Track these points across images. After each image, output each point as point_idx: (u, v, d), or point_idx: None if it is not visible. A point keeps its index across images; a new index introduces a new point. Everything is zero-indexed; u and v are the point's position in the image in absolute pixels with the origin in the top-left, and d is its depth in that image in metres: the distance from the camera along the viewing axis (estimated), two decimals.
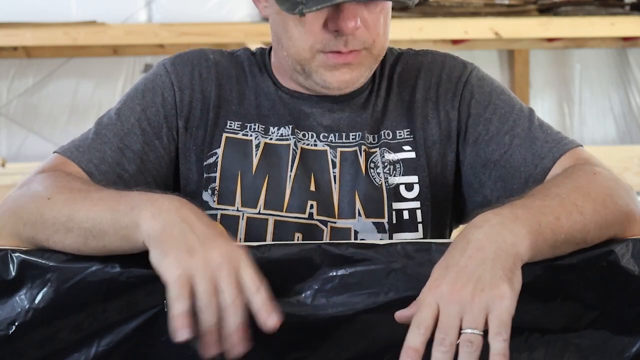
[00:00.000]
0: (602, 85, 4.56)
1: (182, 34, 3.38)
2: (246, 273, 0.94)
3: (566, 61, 4.53)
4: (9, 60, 3.87)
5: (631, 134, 4.58)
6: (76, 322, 1.02)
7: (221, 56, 1.35)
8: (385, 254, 1.03)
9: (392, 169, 1.27)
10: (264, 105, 1.31)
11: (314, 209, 1.25)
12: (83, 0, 3.52)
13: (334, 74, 1.23)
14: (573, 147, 1.23)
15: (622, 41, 4.28)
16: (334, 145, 1.28)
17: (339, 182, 1.26)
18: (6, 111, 3.89)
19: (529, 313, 1.02)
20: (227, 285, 0.92)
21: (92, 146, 1.24)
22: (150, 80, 1.31)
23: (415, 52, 1.37)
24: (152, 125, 1.27)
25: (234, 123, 1.29)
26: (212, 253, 0.93)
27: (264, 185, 1.26)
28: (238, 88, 1.32)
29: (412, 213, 1.27)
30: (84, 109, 3.85)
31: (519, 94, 4.56)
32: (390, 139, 1.29)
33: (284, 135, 1.28)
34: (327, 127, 1.29)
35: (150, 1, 3.54)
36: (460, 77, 1.32)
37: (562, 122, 4.57)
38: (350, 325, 1.02)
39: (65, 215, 1.02)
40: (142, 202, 0.99)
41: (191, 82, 1.30)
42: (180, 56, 1.34)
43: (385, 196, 1.26)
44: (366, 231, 1.25)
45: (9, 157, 3.76)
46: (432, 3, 3.62)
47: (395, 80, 1.33)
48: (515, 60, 4.46)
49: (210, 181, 1.27)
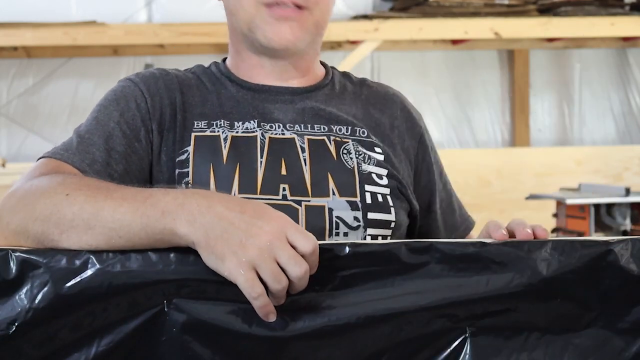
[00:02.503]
0: (602, 85, 4.57)
1: (182, 34, 3.38)
2: (297, 238, 0.99)
3: (566, 61, 4.54)
4: (9, 60, 3.88)
5: (631, 134, 4.59)
6: (76, 322, 1.02)
7: (178, 71, 1.42)
8: (386, 253, 1.03)
9: (365, 158, 1.34)
10: (226, 104, 1.37)
11: (286, 191, 1.29)
12: (83, 0, 3.53)
13: (276, 29, 1.31)
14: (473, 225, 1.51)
15: (622, 41, 4.28)
16: (300, 134, 1.34)
17: (309, 165, 1.31)
18: (6, 111, 3.89)
19: (529, 313, 1.02)
20: (287, 260, 0.98)
21: (79, 149, 1.25)
22: (119, 91, 1.35)
23: (373, 82, 1.49)
24: (131, 129, 1.30)
25: (200, 122, 1.34)
26: (260, 238, 0.98)
27: (236, 173, 1.29)
28: (199, 94, 1.38)
29: (384, 197, 1.33)
30: (84, 109, 3.86)
31: (519, 94, 4.57)
32: (363, 137, 1.37)
33: (250, 128, 1.33)
34: (291, 119, 1.36)
35: (150, 1, 3.55)
36: (420, 123, 1.45)
37: (562, 122, 4.58)
38: (350, 325, 1.02)
39: (88, 213, 1.03)
40: (171, 206, 1.01)
41: (158, 90, 1.35)
42: (140, 73, 1.40)
43: (357, 179, 1.32)
44: (340, 209, 1.28)
45: (9, 157, 3.77)
46: (432, 3, 3.62)
47: (362, 99, 1.43)
48: (515, 60, 4.47)
49: (183, 176, 1.29)
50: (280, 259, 0.98)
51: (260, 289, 0.97)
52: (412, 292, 1.02)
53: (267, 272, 0.97)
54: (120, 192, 1.06)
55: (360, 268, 1.02)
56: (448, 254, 1.03)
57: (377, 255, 1.03)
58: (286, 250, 0.98)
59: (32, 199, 1.08)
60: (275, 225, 0.99)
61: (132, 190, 1.06)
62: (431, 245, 1.03)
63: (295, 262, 0.98)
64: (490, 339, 1.04)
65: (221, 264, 0.98)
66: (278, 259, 0.97)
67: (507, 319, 1.03)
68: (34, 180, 1.14)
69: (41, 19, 3.41)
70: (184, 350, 1.02)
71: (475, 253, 1.03)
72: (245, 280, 0.96)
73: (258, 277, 0.97)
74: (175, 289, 0.99)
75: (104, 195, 1.05)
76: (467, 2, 3.69)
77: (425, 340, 1.04)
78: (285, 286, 0.98)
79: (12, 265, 1.02)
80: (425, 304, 1.02)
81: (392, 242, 1.05)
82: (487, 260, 1.02)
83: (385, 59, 4.52)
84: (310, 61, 1.40)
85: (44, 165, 1.21)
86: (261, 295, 0.97)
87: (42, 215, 1.05)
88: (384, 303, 1.02)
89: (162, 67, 1.42)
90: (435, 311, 1.02)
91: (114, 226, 1.02)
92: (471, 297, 1.02)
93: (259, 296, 0.97)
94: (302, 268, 0.98)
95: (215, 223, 0.99)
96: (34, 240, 1.06)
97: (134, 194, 1.05)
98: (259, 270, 0.97)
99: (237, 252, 0.97)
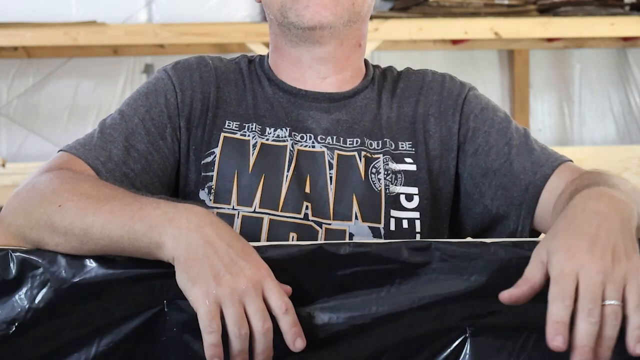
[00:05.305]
0: (602, 85, 4.56)
1: (182, 34, 3.38)
2: (272, 295, 0.96)
3: (566, 61, 4.53)
4: (9, 60, 3.87)
5: (631, 134, 4.58)
6: (76, 322, 1.02)
7: (220, 62, 1.37)
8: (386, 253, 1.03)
9: (393, 177, 1.29)
10: (261, 107, 1.33)
11: (309, 210, 1.26)
12: (83, 0, 3.52)
13: (307, 5, 1.27)
14: (568, 160, 1.28)
15: (622, 41, 4.28)
16: (331, 148, 1.30)
17: (335, 184, 1.27)
18: (6, 111, 3.89)
19: (529, 313, 1.02)
20: (254, 311, 0.95)
21: (98, 144, 1.24)
22: (152, 84, 1.32)
23: (415, 71, 1.42)
24: (156, 126, 1.28)
25: (232, 123, 1.31)
26: (238, 279, 0.95)
27: (260, 184, 1.26)
28: (236, 91, 1.34)
29: (412, 222, 1.28)
30: (84, 109, 3.85)
31: (518, 94, 4.57)
32: (392, 149, 1.31)
33: (281, 136, 1.30)
34: (324, 129, 1.31)
35: (150, 1, 3.54)
36: (460, 94, 1.36)
37: (562, 122, 4.57)
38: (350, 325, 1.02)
39: (78, 229, 1.03)
40: (159, 220, 1.00)
41: (191, 84, 1.32)
42: (180, 61, 1.36)
43: (383, 202, 1.27)
44: (361, 235, 1.25)
45: (9, 157, 3.76)
46: (432, 3, 3.62)
47: (397, 95, 1.37)
48: (515, 60, 4.46)
49: (207, 180, 1.27)
50: (248, 307, 0.95)
51: (217, 326, 0.93)
52: (412, 292, 1.02)
53: (231, 314, 0.94)
54: (110, 204, 1.04)
55: (360, 268, 1.02)
56: (448, 254, 1.03)
57: (377, 255, 1.03)
58: (257, 301, 0.95)
59: (29, 205, 1.09)
60: (256, 273, 0.97)
61: (123, 201, 1.05)
62: (431, 245, 1.03)
63: (261, 316, 0.95)
64: (490, 339, 1.04)
65: (190, 287, 0.95)
66: (246, 306, 0.95)
67: (507, 319, 1.03)
68: (39, 178, 1.13)
69: (41, 19, 3.40)
70: (184, 350, 1.02)
71: (475, 253, 1.03)
72: (206, 312, 0.93)
73: (219, 319, 0.94)
74: (175, 289, 0.99)
75: (94, 208, 1.04)
76: (467, 2, 3.69)
77: (425, 340, 1.04)
78: (244, 336, 0.94)
79: (12, 265, 1.02)
80: (425, 303, 1.02)
81: (392, 242, 1.05)
82: (487, 260, 1.02)
83: (385, 59, 4.51)
84: (350, 51, 1.35)
85: (57, 159, 1.21)
86: (216, 332, 0.93)
87: (37, 225, 1.06)
88: (384, 303, 1.02)
89: (202, 55, 1.38)
90: (436, 311, 1.02)
91: (104, 243, 1.02)
92: (471, 297, 1.02)
93: (213, 332, 0.93)
94: (265, 324, 0.95)
95: (200, 245, 0.97)
96: (33, 245, 1.07)
97: (123, 207, 1.03)
98: (224, 308, 0.94)
99: (210, 282, 0.95)
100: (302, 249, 1.02)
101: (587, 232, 0.92)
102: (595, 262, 0.89)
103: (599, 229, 0.92)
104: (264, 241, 1.23)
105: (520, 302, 0.92)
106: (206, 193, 1.27)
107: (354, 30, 1.33)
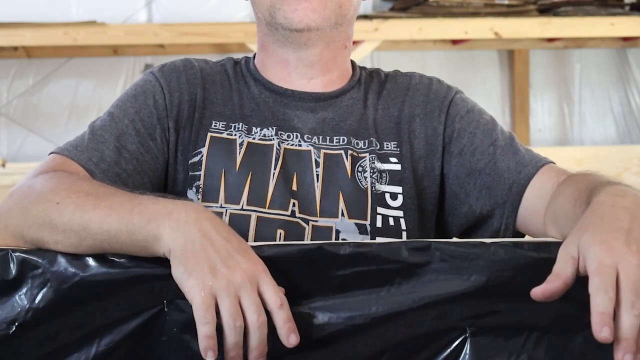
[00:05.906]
0: (602, 85, 4.56)
1: (182, 34, 3.38)
2: (268, 290, 0.96)
3: (566, 61, 4.53)
4: (9, 60, 3.87)
5: (631, 134, 4.58)
6: (76, 322, 1.02)
7: (205, 64, 1.39)
8: (386, 253, 1.03)
9: (379, 176, 1.30)
10: (247, 106, 1.34)
11: (296, 207, 1.26)
12: (83, 0, 3.52)
13: (296, 9, 1.28)
14: (551, 162, 1.30)
15: (622, 41, 4.28)
16: (318, 147, 1.31)
17: (321, 181, 1.28)
18: (6, 111, 3.89)
19: (529, 313, 1.02)
20: (249, 305, 0.95)
21: (89, 146, 1.24)
22: (140, 86, 1.34)
23: (403, 73, 1.44)
24: (145, 127, 1.29)
25: (218, 123, 1.32)
26: (234, 272, 0.95)
27: (247, 182, 1.27)
28: (222, 91, 1.35)
29: (397, 220, 1.29)
30: (84, 109, 3.86)
31: (519, 94, 4.57)
32: (378, 149, 1.33)
33: (267, 135, 1.31)
34: (311, 129, 1.32)
35: (150, 1, 3.55)
36: (446, 97, 1.38)
37: (562, 122, 4.57)
38: (350, 325, 1.02)
39: (77, 225, 1.02)
40: (158, 213, 1.00)
41: (179, 85, 1.33)
42: (166, 64, 1.38)
43: (369, 199, 1.28)
44: (348, 231, 1.26)
45: (9, 157, 3.76)
46: (432, 3, 3.62)
47: (384, 96, 1.38)
48: (515, 60, 4.46)
49: (195, 179, 1.28)
50: (243, 300, 0.95)
51: (212, 317, 0.93)
52: (412, 292, 1.02)
53: (226, 306, 0.94)
54: (109, 200, 1.04)
55: (360, 268, 1.02)
56: (448, 254, 1.03)
57: (377, 255, 1.03)
58: (252, 295, 0.95)
59: (27, 203, 1.09)
60: (252, 267, 0.97)
61: (122, 197, 1.05)
62: (431, 245, 1.03)
63: (256, 309, 0.94)
64: (490, 339, 1.04)
65: (186, 279, 0.95)
66: (242, 299, 0.95)
67: (507, 319, 1.03)
68: (34, 179, 1.14)
69: (41, 19, 3.41)
70: (184, 350, 1.02)
71: (475, 253, 1.03)
72: (201, 303, 0.93)
73: (214, 311, 0.93)
74: (175, 289, 0.99)
75: (93, 204, 1.04)
76: (467, 2, 3.69)
77: (425, 340, 1.04)
78: (239, 328, 0.94)
79: (12, 265, 1.02)
80: (425, 303, 1.02)
81: (392, 241, 1.05)
82: (487, 260, 1.02)
83: (385, 59, 4.52)
84: (336, 53, 1.36)
85: (50, 161, 1.21)
86: (211, 323, 0.93)
87: (36, 223, 1.05)
88: (384, 303, 1.02)
89: (188, 58, 1.39)
90: (435, 311, 1.02)
91: (102, 237, 1.01)
92: (471, 297, 1.02)
93: (208, 323, 0.93)
94: (260, 317, 0.94)
95: (197, 238, 0.97)
96: (31, 244, 1.06)
97: (122, 202, 1.03)
98: (219, 300, 0.94)
99: (206, 274, 0.95)
100: (302, 248, 1.02)
101: (621, 227, 0.93)
102: (633, 255, 0.90)
103: (632, 223, 0.93)
104: (251, 238, 1.24)
105: (553, 298, 0.92)
106: (194, 192, 1.28)
107: (341, 33, 1.35)
